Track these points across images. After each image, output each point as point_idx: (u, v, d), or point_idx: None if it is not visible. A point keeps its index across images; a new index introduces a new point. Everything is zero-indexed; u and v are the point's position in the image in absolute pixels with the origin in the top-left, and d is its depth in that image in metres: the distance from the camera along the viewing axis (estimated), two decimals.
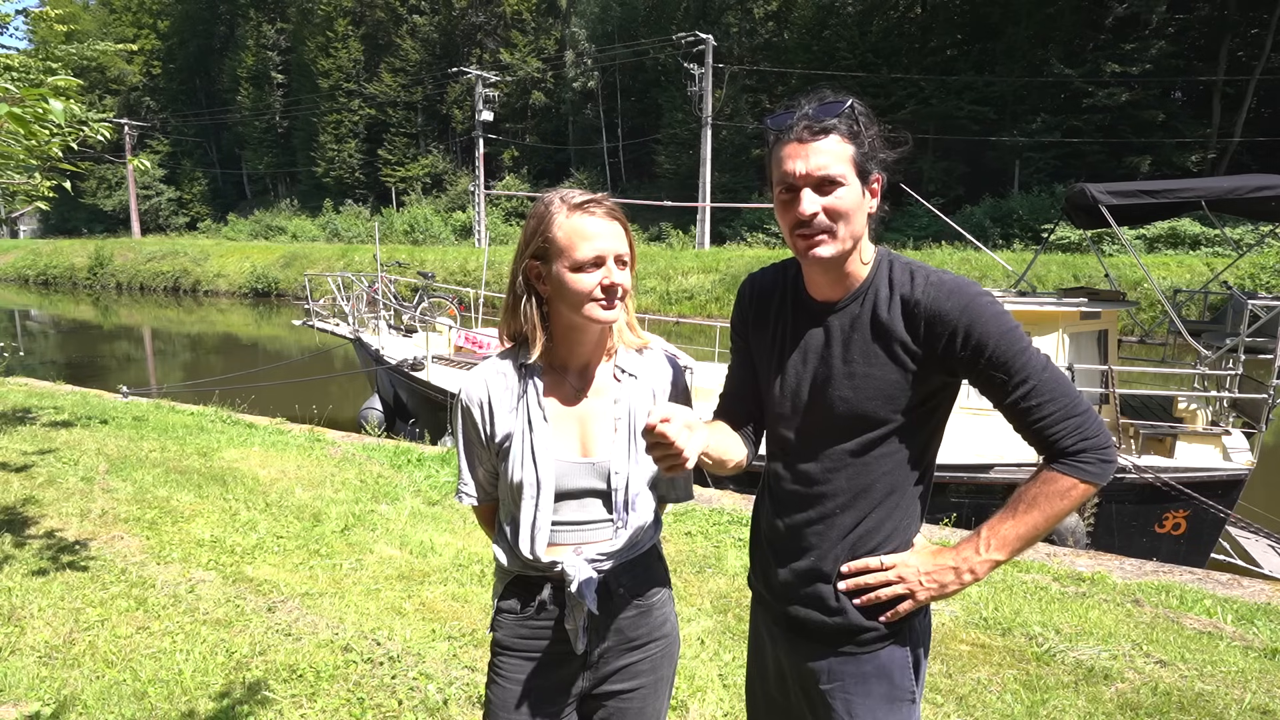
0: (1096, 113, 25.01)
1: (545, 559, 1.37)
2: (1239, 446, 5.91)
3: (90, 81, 47.71)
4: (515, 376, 1.41)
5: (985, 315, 1.22)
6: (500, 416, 1.40)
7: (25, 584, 3.65)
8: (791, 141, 1.23)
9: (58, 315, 27.83)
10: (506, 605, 1.45)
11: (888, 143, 1.29)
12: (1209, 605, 3.90)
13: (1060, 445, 1.21)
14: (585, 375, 1.42)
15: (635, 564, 1.44)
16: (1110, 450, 1.22)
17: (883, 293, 1.29)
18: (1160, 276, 16.78)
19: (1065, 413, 1.21)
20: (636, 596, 1.44)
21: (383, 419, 9.13)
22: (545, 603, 1.41)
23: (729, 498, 5.64)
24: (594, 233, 1.30)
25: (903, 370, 1.26)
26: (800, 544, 1.37)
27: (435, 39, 43.34)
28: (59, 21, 6.29)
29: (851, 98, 1.25)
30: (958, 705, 2.86)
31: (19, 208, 5.56)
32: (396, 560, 4.13)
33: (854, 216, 1.24)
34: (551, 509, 1.37)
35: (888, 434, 1.29)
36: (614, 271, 1.31)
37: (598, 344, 1.41)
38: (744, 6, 36.02)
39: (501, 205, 37.81)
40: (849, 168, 1.22)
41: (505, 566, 1.44)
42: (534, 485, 1.36)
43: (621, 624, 1.43)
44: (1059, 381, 1.22)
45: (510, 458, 1.38)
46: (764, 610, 1.48)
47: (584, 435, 1.40)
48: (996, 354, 1.22)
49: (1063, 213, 7.68)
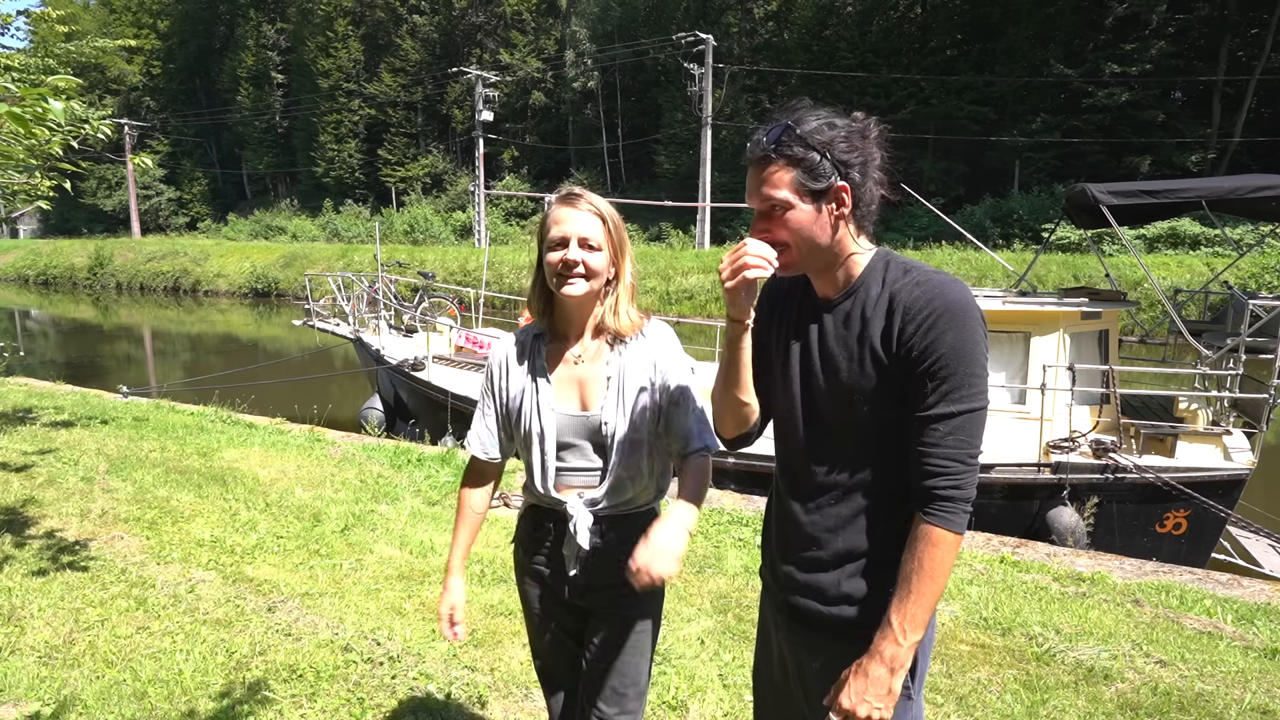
0: (1096, 113, 24.99)
1: (555, 495, 1.65)
2: (1240, 446, 5.91)
3: (90, 81, 47.72)
4: (530, 344, 1.71)
5: (954, 325, 1.21)
6: (513, 375, 1.69)
7: (25, 584, 3.65)
8: (749, 169, 1.31)
9: (58, 315, 27.83)
10: (521, 525, 1.79)
11: (849, 145, 1.26)
12: (1209, 605, 3.90)
13: (931, 482, 1.22)
14: (584, 344, 1.67)
15: (630, 519, 1.68)
16: (969, 507, 1.24)
17: (873, 290, 1.31)
18: (1160, 276, 16.78)
19: (956, 456, 1.22)
20: (624, 544, 1.57)
21: (383, 419, 9.12)
22: (549, 531, 1.70)
23: (729, 498, 5.64)
24: (564, 219, 1.57)
25: (880, 364, 1.27)
26: (800, 534, 1.42)
27: (435, 39, 43.33)
28: (59, 21, 6.28)
29: (788, 121, 1.26)
30: (958, 705, 2.86)
31: (19, 207, 5.55)
32: (396, 560, 4.13)
33: (805, 233, 1.28)
34: (555, 454, 1.64)
35: (873, 427, 1.31)
36: (572, 250, 1.55)
37: (585, 316, 1.66)
38: (744, 6, 36.01)
39: (501, 205, 37.79)
40: (790, 192, 1.26)
41: (526, 496, 1.77)
42: (539, 434, 1.64)
43: (609, 562, 1.64)
44: (973, 429, 1.22)
45: (522, 411, 1.67)
46: (769, 598, 1.55)
47: (582, 393, 1.65)
48: (939, 366, 1.21)
49: (1063, 213, 7.68)
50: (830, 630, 1.38)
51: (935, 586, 1.22)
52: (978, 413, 1.22)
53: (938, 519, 1.22)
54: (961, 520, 1.23)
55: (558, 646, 1.80)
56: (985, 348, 1.24)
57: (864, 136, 1.29)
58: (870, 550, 1.34)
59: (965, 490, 1.22)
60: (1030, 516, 5.78)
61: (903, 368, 1.25)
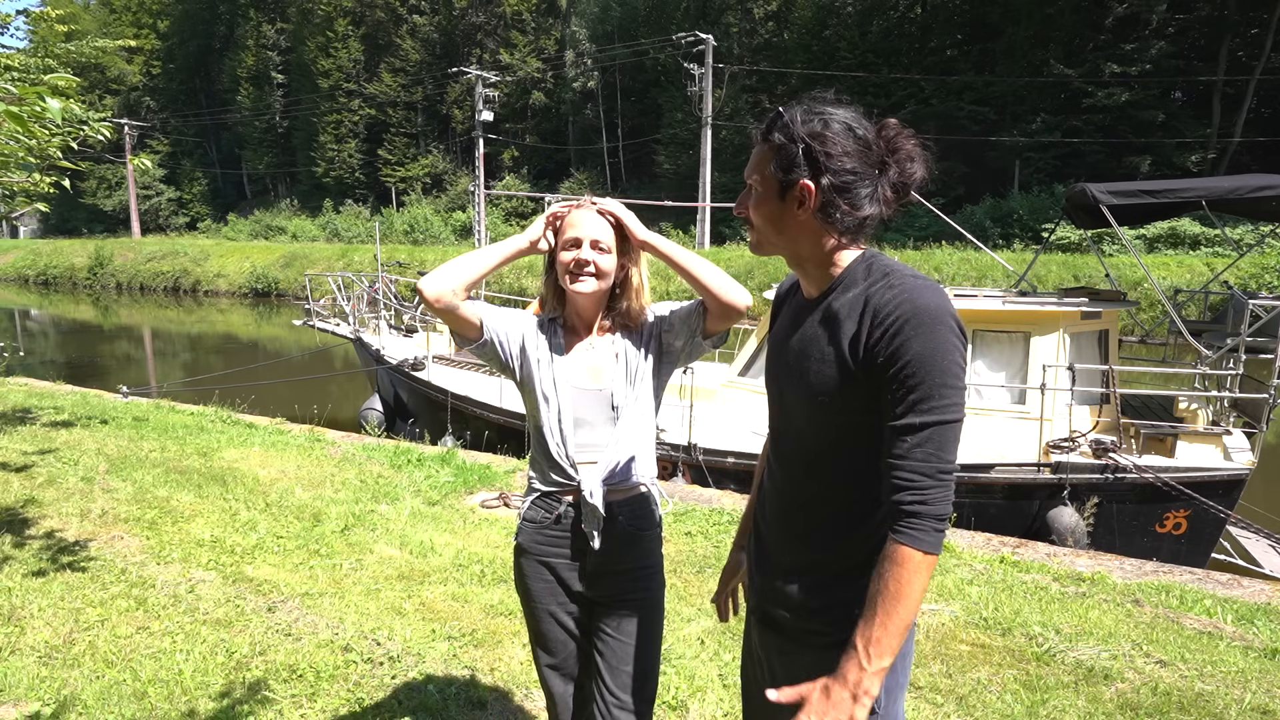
0: (1096, 113, 24.99)
1: (571, 470, 1.74)
2: (1240, 446, 5.90)
3: (90, 81, 47.73)
4: (547, 325, 1.84)
5: (921, 332, 1.15)
6: (529, 340, 1.81)
7: (25, 584, 3.65)
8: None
9: (58, 315, 27.83)
10: (530, 516, 1.82)
11: (840, 149, 1.22)
12: (1209, 605, 3.90)
13: (897, 497, 1.16)
14: (593, 337, 1.82)
15: (634, 500, 1.79)
16: (944, 524, 1.17)
17: (851, 292, 1.26)
18: (1160, 276, 16.78)
19: (923, 470, 1.15)
20: (632, 526, 1.78)
21: (383, 419, 9.12)
22: (562, 516, 1.77)
23: (729, 498, 5.63)
24: (578, 222, 1.73)
25: (847, 368, 1.22)
26: (770, 538, 1.44)
27: (435, 39, 43.33)
28: (59, 21, 6.28)
29: (782, 107, 1.28)
30: (958, 705, 2.86)
31: (19, 207, 5.55)
32: (396, 560, 4.13)
33: (766, 220, 1.32)
34: (573, 423, 1.75)
35: (839, 432, 1.28)
36: (585, 250, 1.70)
37: (595, 313, 1.80)
38: (744, 6, 36.01)
39: (501, 205, 37.79)
40: (760, 177, 1.31)
41: (534, 486, 1.82)
42: (555, 405, 1.75)
43: (619, 545, 1.77)
44: (943, 442, 1.15)
45: (537, 382, 1.76)
46: (748, 599, 1.57)
47: (593, 370, 1.79)
48: (906, 374, 1.15)
49: (1063, 212, 7.68)
50: (792, 636, 1.37)
51: (902, 609, 1.14)
52: (948, 425, 1.15)
53: (903, 536, 1.15)
54: (931, 539, 1.15)
55: (567, 640, 1.84)
56: (960, 357, 1.16)
57: (869, 147, 1.24)
58: (833, 560, 1.31)
59: (933, 506, 1.15)
60: (1030, 516, 5.78)
61: (870, 374, 1.20)
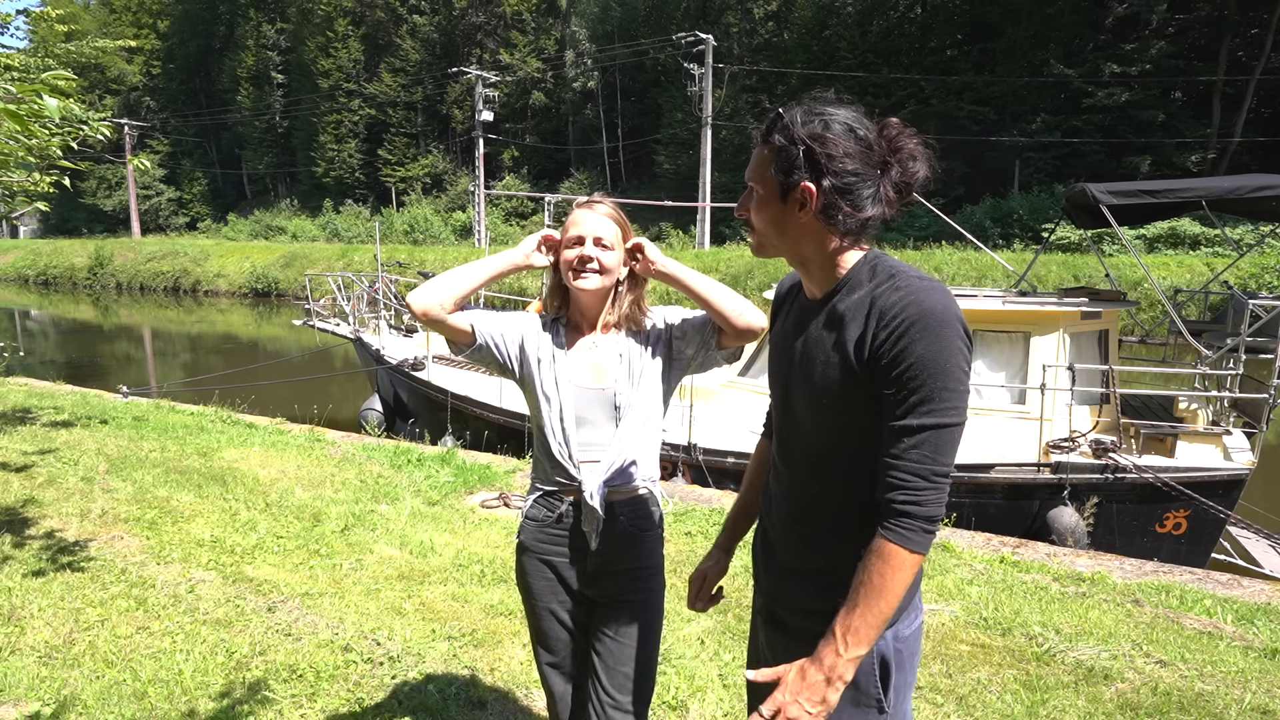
0: (1096, 113, 24.98)
1: (573, 469, 1.74)
2: (1240, 446, 5.90)
3: (90, 81, 47.76)
4: (550, 324, 1.87)
5: (926, 335, 1.14)
6: (529, 339, 1.82)
7: (25, 584, 3.65)
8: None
9: (58, 315, 27.82)
10: (532, 515, 1.84)
11: (841, 150, 1.21)
12: (1209, 605, 3.90)
13: (890, 495, 1.17)
14: (596, 335, 1.83)
15: (635, 501, 1.80)
16: (935, 526, 1.18)
17: (856, 294, 1.26)
18: (1160, 276, 16.78)
19: (918, 471, 1.16)
20: (633, 526, 1.79)
21: (383, 419, 9.12)
22: (564, 515, 1.79)
23: (729, 498, 5.63)
24: (581, 220, 1.76)
25: (851, 370, 1.22)
26: (777, 539, 1.43)
27: (435, 39, 43.32)
28: (59, 21, 6.28)
29: (783, 108, 1.26)
30: (958, 705, 2.86)
31: (19, 207, 5.55)
32: (396, 560, 4.13)
33: (767, 222, 1.31)
34: (575, 422, 1.75)
35: (842, 434, 1.27)
36: (588, 247, 1.73)
37: (598, 311, 1.81)
38: (744, 6, 36.00)
39: (501, 205, 37.78)
40: (760, 179, 1.30)
41: (537, 485, 1.84)
42: (557, 404, 1.76)
43: (619, 545, 1.78)
44: (941, 445, 1.16)
45: (540, 380, 1.78)
46: (755, 598, 1.57)
47: (596, 369, 1.79)
48: (908, 376, 1.15)
49: (1063, 212, 7.67)
50: (798, 637, 1.35)
51: (882, 603, 1.17)
52: (948, 429, 1.16)
53: (892, 534, 1.17)
54: (920, 539, 1.17)
55: (567, 639, 1.86)
56: (964, 361, 1.16)
57: (870, 147, 1.23)
58: (837, 562, 1.30)
59: (925, 508, 1.16)
60: (1030, 516, 5.78)
61: (873, 375, 1.20)
